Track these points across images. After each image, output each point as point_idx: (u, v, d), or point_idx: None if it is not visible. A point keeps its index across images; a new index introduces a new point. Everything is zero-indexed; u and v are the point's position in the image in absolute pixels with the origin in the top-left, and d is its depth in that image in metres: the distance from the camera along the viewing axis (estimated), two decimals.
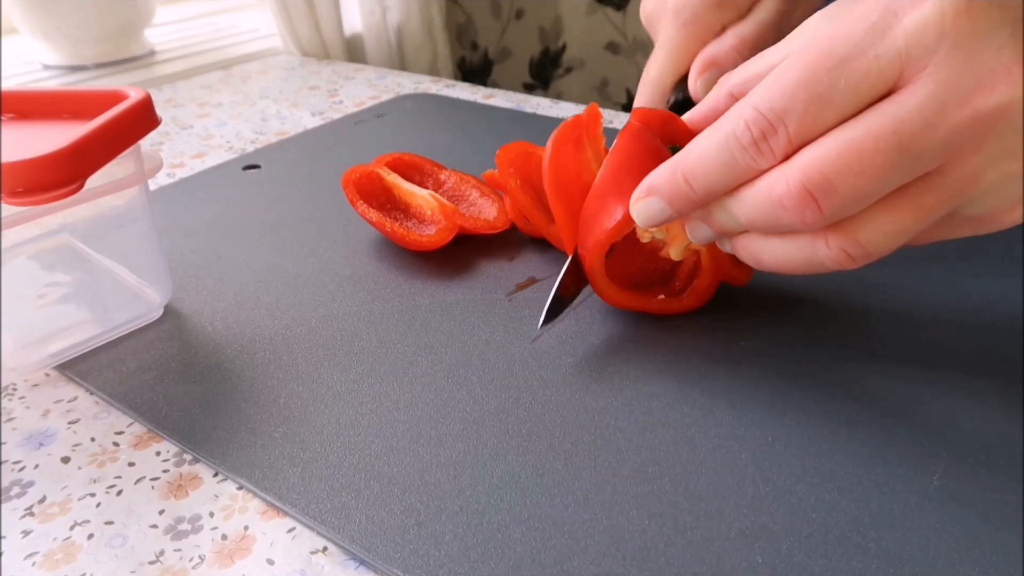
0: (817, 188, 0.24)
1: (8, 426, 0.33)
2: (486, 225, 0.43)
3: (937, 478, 0.27)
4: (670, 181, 0.29)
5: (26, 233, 0.39)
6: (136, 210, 0.36)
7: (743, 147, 0.26)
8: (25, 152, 0.29)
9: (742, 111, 0.26)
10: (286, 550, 0.27)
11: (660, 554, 0.25)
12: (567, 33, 1.36)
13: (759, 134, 0.25)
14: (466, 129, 0.60)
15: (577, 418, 0.31)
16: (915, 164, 0.24)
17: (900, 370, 0.32)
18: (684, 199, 0.29)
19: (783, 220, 0.26)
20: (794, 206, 0.25)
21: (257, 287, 0.40)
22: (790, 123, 0.25)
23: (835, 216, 0.25)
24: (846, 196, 0.24)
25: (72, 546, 0.27)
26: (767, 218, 0.26)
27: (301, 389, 0.33)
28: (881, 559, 0.24)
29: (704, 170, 0.28)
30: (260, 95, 0.73)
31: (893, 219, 0.25)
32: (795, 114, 0.25)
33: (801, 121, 0.25)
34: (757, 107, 0.25)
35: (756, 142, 0.26)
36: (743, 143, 0.26)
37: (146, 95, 0.34)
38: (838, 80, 0.24)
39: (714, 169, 0.27)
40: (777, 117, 0.25)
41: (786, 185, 0.25)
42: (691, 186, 0.28)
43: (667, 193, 0.29)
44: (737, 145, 0.26)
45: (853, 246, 0.26)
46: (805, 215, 0.25)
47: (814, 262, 0.27)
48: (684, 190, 0.28)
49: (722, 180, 0.27)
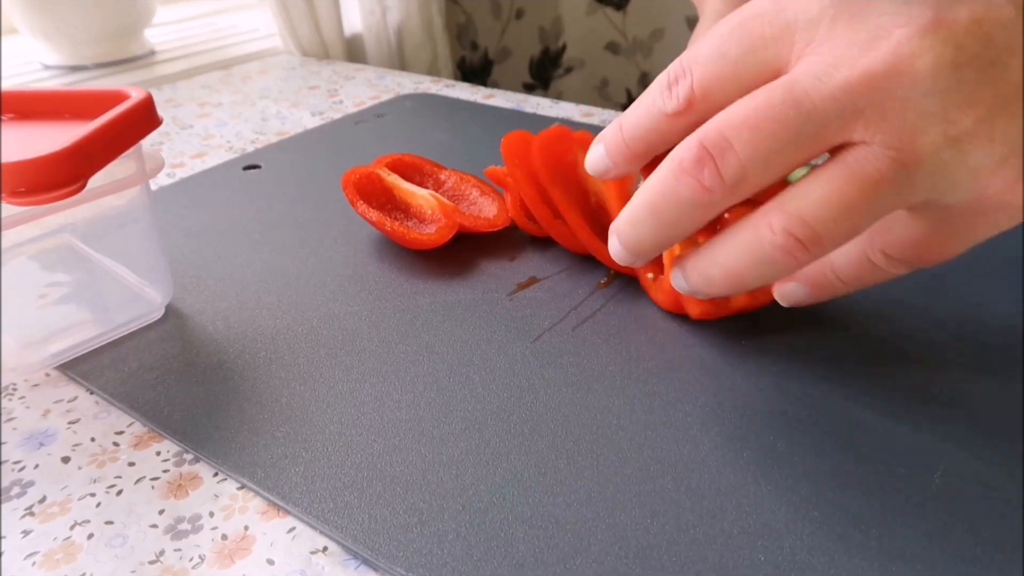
0: (713, 145, 0.25)
1: (8, 426, 0.33)
2: (486, 223, 0.43)
3: (938, 477, 0.27)
4: (611, 128, 0.30)
5: (27, 233, 0.39)
6: (137, 210, 0.36)
7: (660, 90, 0.27)
8: (26, 152, 0.28)
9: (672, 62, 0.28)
10: (286, 550, 0.27)
11: (663, 552, 0.25)
12: (567, 33, 1.36)
13: (673, 78, 0.27)
14: (466, 129, 0.60)
15: (579, 417, 0.31)
16: (811, 122, 0.24)
17: (901, 369, 0.32)
18: (615, 144, 0.29)
19: (682, 190, 0.26)
20: (691, 166, 0.25)
21: (258, 287, 0.40)
22: (695, 70, 0.26)
23: (736, 181, 0.25)
24: (743, 155, 0.24)
25: (72, 546, 0.27)
26: (670, 190, 0.26)
27: (303, 389, 0.33)
28: (883, 557, 0.24)
29: (633, 114, 0.29)
30: (260, 95, 0.73)
31: (832, 189, 0.24)
32: (699, 63, 0.26)
33: (704, 68, 0.26)
34: (679, 58, 0.27)
35: (669, 84, 0.27)
36: (660, 86, 0.27)
37: (147, 95, 0.34)
38: (737, 37, 0.26)
39: (638, 112, 0.28)
40: (688, 65, 0.27)
41: (686, 147, 0.25)
42: (622, 130, 0.29)
43: (607, 138, 0.30)
44: (656, 88, 0.28)
45: (797, 224, 0.25)
46: (703, 176, 0.25)
47: (762, 257, 0.26)
48: (616, 135, 0.29)
49: (642, 124, 0.28)
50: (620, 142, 0.29)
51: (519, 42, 1.33)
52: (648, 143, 0.28)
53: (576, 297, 0.38)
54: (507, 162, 0.41)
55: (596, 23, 1.34)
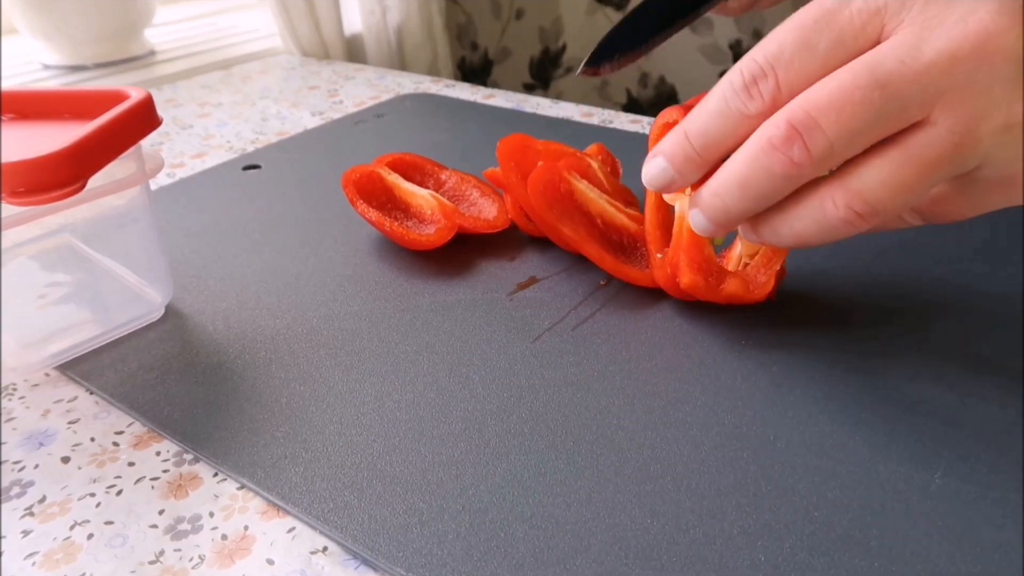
0: (801, 124, 0.25)
1: (8, 426, 0.33)
2: (486, 224, 0.43)
3: (939, 477, 0.27)
4: (673, 139, 0.29)
5: (27, 233, 0.39)
6: (137, 210, 0.36)
7: (735, 92, 0.27)
8: (26, 152, 0.28)
9: (741, 62, 0.27)
10: (286, 550, 0.27)
11: (663, 553, 0.25)
12: (567, 33, 1.36)
13: (750, 78, 0.27)
14: (466, 129, 0.60)
15: (579, 417, 0.31)
16: (895, 103, 0.25)
17: (901, 369, 0.32)
18: (683, 155, 0.29)
19: (775, 166, 0.26)
20: (781, 143, 0.26)
21: (258, 287, 0.40)
22: (779, 68, 0.26)
23: (824, 157, 0.26)
24: (830, 133, 0.25)
25: (72, 546, 0.27)
26: (760, 166, 0.27)
27: (303, 389, 0.33)
28: (883, 557, 0.24)
29: (701, 121, 0.28)
30: (260, 95, 0.73)
31: (891, 171, 0.25)
32: (784, 60, 0.26)
33: (789, 66, 0.26)
34: (752, 56, 0.27)
35: (747, 86, 0.27)
36: (735, 88, 0.27)
37: (147, 95, 0.34)
38: (823, 28, 0.26)
39: (710, 118, 0.28)
40: (768, 63, 0.27)
41: (774, 125, 0.26)
42: (689, 140, 0.29)
43: (669, 151, 0.30)
44: (731, 90, 0.27)
45: (858, 201, 0.26)
46: (793, 152, 0.26)
47: (827, 227, 0.27)
48: (683, 145, 0.29)
49: (717, 129, 0.28)
50: (689, 152, 0.29)
51: (519, 42, 1.33)
52: (724, 148, 0.28)
53: (576, 297, 0.38)
54: (503, 166, 0.41)
55: (596, 23, 1.34)
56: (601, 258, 0.39)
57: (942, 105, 0.24)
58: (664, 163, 0.30)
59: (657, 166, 0.30)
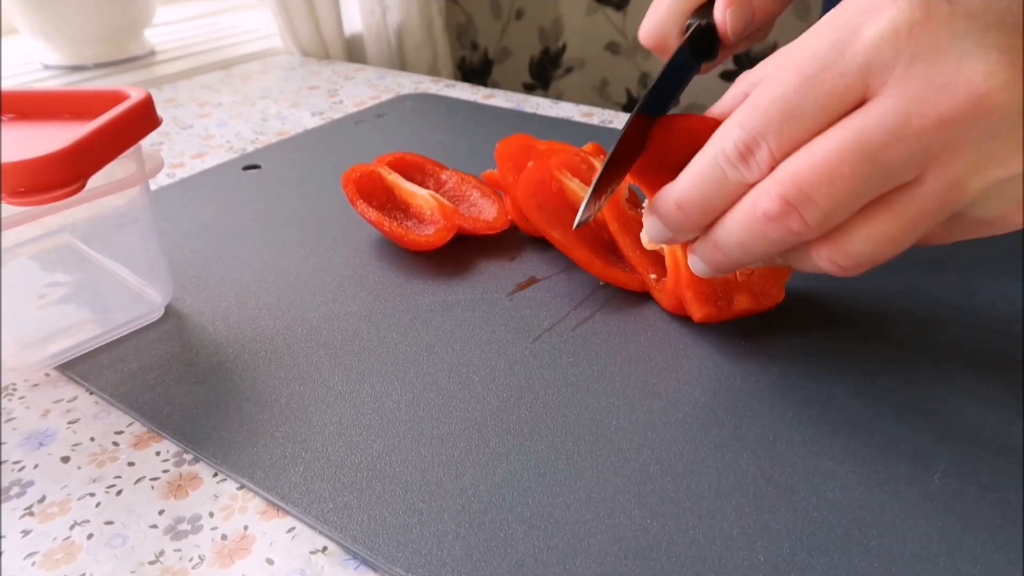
0: (794, 199, 0.25)
1: (8, 426, 0.33)
2: (485, 226, 0.43)
3: (938, 477, 0.27)
4: (665, 207, 0.29)
5: (27, 233, 0.39)
6: (137, 210, 0.36)
7: (732, 164, 0.27)
8: (26, 152, 0.28)
9: (728, 130, 0.27)
10: (286, 550, 0.27)
11: (662, 553, 0.25)
12: (567, 33, 1.36)
13: (745, 149, 0.27)
14: (466, 129, 0.60)
15: (579, 417, 0.31)
16: (885, 174, 0.24)
17: (901, 369, 0.32)
18: (678, 224, 0.29)
19: (772, 234, 0.26)
20: (778, 217, 0.26)
21: (258, 287, 0.40)
22: (770, 139, 0.26)
23: (821, 225, 0.26)
24: (824, 206, 0.25)
25: (72, 546, 0.27)
26: (758, 236, 0.27)
27: (302, 389, 0.33)
28: (883, 558, 0.24)
29: (697, 191, 0.28)
30: (260, 95, 0.73)
31: (876, 230, 0.25)
32: (772, 131, 0.26)
33: (778, 137, 0.26)
34: (741, 125, 0.27)
35: (743, 156, 0.27)
36: (732, 160, 0.27)
37: (147, 95, 0.34)
38: (807, 97, 0.25)
39: (704, 186, 0.28)
40: (759, 134, 0.26)
41: (768, 199, 0.26)
42: (684, 211, 0.29)
43: (665, 215, 0.30)
44: (726, 161, 0.27)
45: (842, 256, 0.26)
46: (791, 224, 0.26)
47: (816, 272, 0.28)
48: (677, 216, 0.29)
49: (715, 197, 0.28)
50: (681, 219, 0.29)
51: (519, 42, 1.33)
52: (717, 212, 0.28)
53: (576, 297, 0.38)
54: (501, 167, 0.41)
55: (596, 23, 1.34)
56: (590, 262, 0.39)
57: (933, 165, 0.24)
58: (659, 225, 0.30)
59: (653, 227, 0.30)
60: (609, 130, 0.59)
